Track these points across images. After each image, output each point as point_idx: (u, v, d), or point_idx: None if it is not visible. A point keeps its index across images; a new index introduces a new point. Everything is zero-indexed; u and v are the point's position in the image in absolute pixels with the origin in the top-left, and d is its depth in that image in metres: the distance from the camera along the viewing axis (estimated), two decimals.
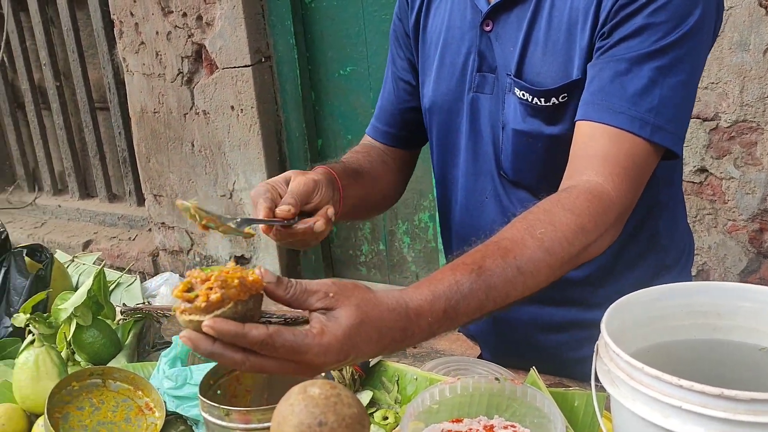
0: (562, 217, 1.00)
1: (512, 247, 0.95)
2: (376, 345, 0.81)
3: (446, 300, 0.87)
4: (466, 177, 1.33)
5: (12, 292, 1.63)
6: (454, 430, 0.98)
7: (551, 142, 1.19)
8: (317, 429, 0.64)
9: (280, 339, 0.75)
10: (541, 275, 0.96)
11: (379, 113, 1.46)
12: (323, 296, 0.80)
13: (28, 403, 1.18)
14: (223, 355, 0.77)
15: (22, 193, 4.39)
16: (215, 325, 0.75)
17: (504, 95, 1.22)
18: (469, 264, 0.92)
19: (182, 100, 3.10)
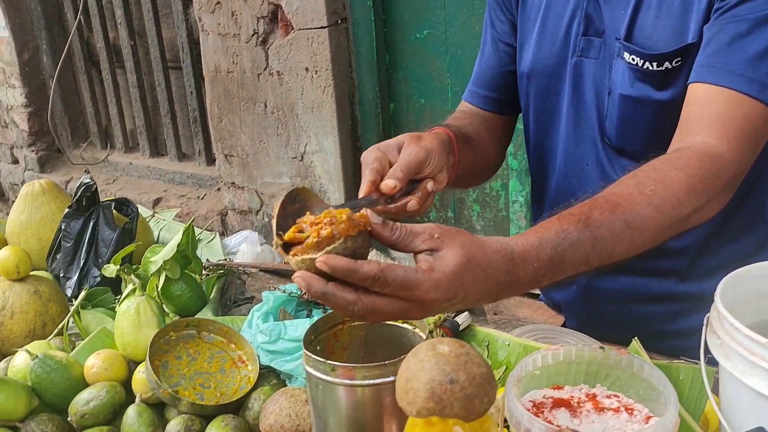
0: (673, 176, 0.97)
1: (621, 201, 0.93)
2: (483, 286, 0.81)
3: (552, 247, 0.86)
4: (566, 143, 1.30)
5: (101, 243, 1.67)
6: (556, 397, 0.97)
7: (660, 108, 1.16)
8: (448, 387, 0.63)
9: (392, 274, 0.76)
10: (648, 233, 0.94)
11: (478, 78, 1.43)
12: (428, 238, 0.80)
13: (129, 350, 1.21)
14: (335, 295, 0.78)
15: (94, 150, 4.50)
16: (328, 261, 0.76)
17: (611, 60, 1.18)
18: (576, 215, 0.90)
19: (256, 60, 3.11)
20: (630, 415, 0.93)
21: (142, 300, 1.23)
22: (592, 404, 0.96)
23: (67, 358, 1.19)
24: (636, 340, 1.07)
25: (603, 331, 1.36)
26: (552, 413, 0.93)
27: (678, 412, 0.88)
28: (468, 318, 1.32)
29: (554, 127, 1.32)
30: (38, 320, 1.39)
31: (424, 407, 0.64)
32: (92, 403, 1.11)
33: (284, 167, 3.24)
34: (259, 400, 1.12)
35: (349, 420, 0.94)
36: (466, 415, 0.64)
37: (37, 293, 1.41)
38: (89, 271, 1.64)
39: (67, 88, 4.42)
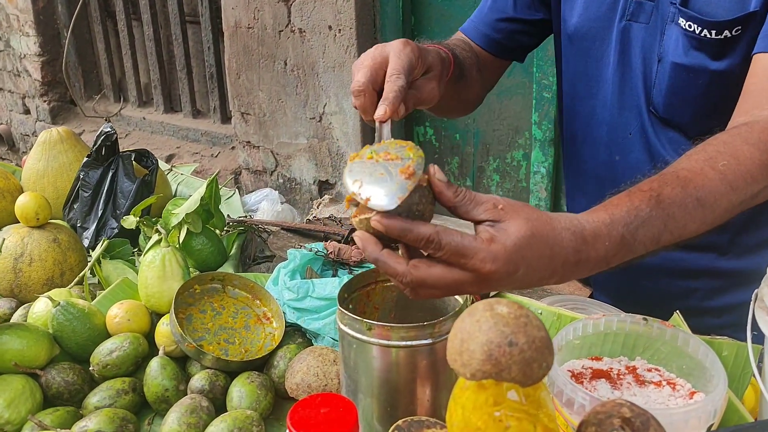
0: (745, 151, 0.92)
1: (693, 177, 0.89)
2: (549, 263, 0.77)
3: (624, 225, 0.81)
4: (608, 110, 1.25)
5: (119, 194, 1.64)
6: (595, 368, 0.94)
7: (714, 78, 1.10)
8: (507, 349, 0.59)
9: (447, 237, 0.73)
10: (720, 210, 0.90)
11: (486, 15, 1.36)
12: (491, 207, 0.76)
13: (152, 302, 1.18)
14: (386, 263, 0.75)
15: (107, 103, 4.45)
16: (382, 220, 0.73)
17: (664, 25, 1.13)
18: (646, 191, 0.85)
19: (278, 16, 3.04)
20: (673, 389, 0.90)
21: (167, 251, 1.20)
22: (632, 377, 0.93)
23: (90, 307, 1.16)
24: (678, 314, 1.03)
25: (633, 305, 1.32)
26: (592, 384, 0.91)
27: (726, 389, 0.85)
28: None
29: (593, 93, 1.27)
30: (57, 269, 1.36)
31: (480, 369, 0.60)
32: (115, 353, 1.09)
33: (302, 127, 3.19)
34: (285, 359, 1.10)
35: (381, 381, 0.91)
36: (523, 379, 0.61)
37: (56, 241, 1.38)
38: (107, 222, 1.61)
39: (82, 39, 4.36)
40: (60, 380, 1.07)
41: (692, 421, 0.79)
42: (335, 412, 0.78)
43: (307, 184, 3.31)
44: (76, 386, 1.08)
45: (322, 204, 2.10)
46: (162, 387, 1.05)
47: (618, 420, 0.65)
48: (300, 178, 3.32)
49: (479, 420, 0.63)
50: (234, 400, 1.03)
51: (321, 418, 0.77)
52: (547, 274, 0.78)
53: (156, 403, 1.06)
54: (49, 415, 1.02)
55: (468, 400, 0.64)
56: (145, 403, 1.08)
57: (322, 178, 3.24)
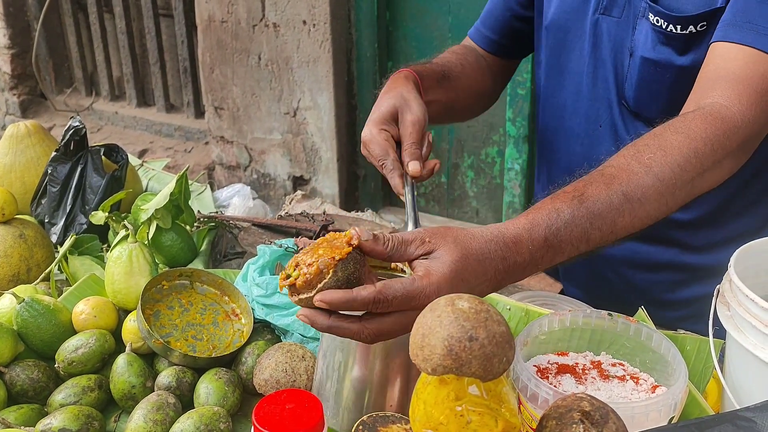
0: (672, 140, 0.93)
1: (617, 173, 0.90)
2: (483, 277, 0.80)
3: (546, 227, 0.84)
4: (579, 102, 1.27)
5: (88, 190, 1.62)
6: (561, 363, 0.95)
7: (680, 73, 1.12)
8: (467, 344, 0.60)
9: (390, 291, 0.75)
10: (650, 203, 0.91)
11: (486, 17, 1.41)
12: (420, 243, 0.79)
13: (119, 298, 1.17)
14: (340, 327, 0.77)
15: (79, 97, 4.39)
16: (324, 298, 0.75)
17: (636, 20, 1.15)
18: (569, 192, 0.87)
19: (252, 10, 3.02)
20: (636, 383, 0.92)
21: (135, 247, 1.19)
22: (597, 371, 0.94)
23: (55, 304, 1.15)
24: (642, 309, 1.05)
25: (600, 297, 1.34)
26: (557, 379, 0.92)
27: (687, 382, 0.87)
28: None
29: (565, 85, 1.29)
30: (23, 265, 1.34)
31: (440, 365, 0.61)
32: (81, 350, 1.07)
33: (276, 123, 3.18)
34: (253, 355, 1.10)
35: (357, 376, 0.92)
36: (483, 374, 0.61)
37: (22, 237, 1.36)
38: (76, 217, 1.59)
39: (53, 31, 4.29)
40: (24, 377, 1.06)
41: (652, 414, 0.80)
42: (301, 408, 0.78)
43: (281, 180, 3.29)
44: (41, 383, 1.06)
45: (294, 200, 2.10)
46: (128, 384, 1.04)
47: (578, 413, 0.66)
48: (274, 173, 3.30)
49: (441, 415, 0.64)
50: (201, 397, 1.02)
51: (286, 414, 0.77)
52: (485, 286, 0.81)
53: (122, 400, 1.05)
54: (13, 413, 1.01)
55: (430, 395, 0.64)
56: (111, 400, 1.07)
57: (297, 173, 3.23)
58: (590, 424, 0.65)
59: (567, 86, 1.28)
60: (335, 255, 0.77)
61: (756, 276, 0.96)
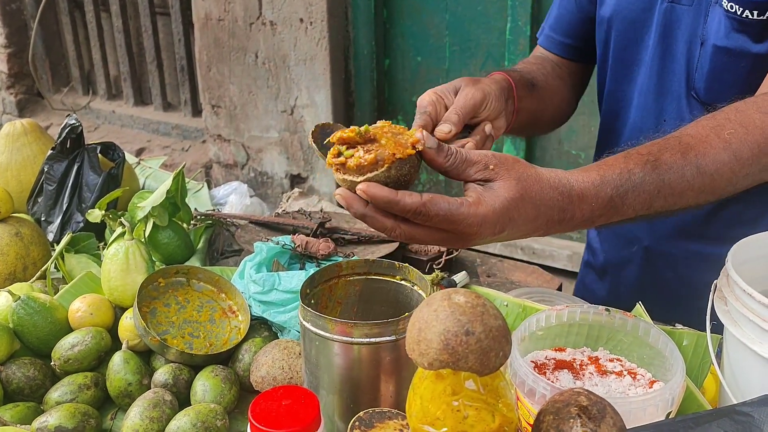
0: (756, 119, 0.91)
1: (695, 144, 0.88)
2: (533, 223, 0.79)
3: (614, 187, 0.82)
4: (644, 95, 1.22)
5: (84, 188, 1.62)
6: (558, 359, 0.95)
7: (756, 61, 1.08)
8: (464, 338, 0.60)
9: (434, 207, 0.74)
10: (722, 180, 0.88)
11: (555, 23, 1.36)
12: (483, 168, 0.77)
13: (116, 295, 1.17)
14: (374, 218, 0.76)
15: (76, 96, 4.38)
16: (368, 190, 0.73)
17: (708, 7, 1.10)
18: (644, 155, 0.85)
19: (249, 8, 3.02)
20: (633, 379, 0.91)
21: (131, 244, 1.19)
22: (594, 367, 0.94)
23: (51, 301, 1.14)
24: (640, 304, 1.05)
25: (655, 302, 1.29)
26: (554, 374, 0.91)
27: (684, 378, 0.87)
28: (466, 277, 1.29)
29: (631, 78, 1.24)
30: (19, 263, 1.34)
31: (437, 359, 0.61)
32: (77, 348, 1.07)
33: (273, 121, 3.17)
34: (250, 352, 1.09)
35: (343, 378, 0.91)
36: (480, 369, 0.61)
37: (18, 235, 1.36)
38: (72, 215, 1.59)
39: (49, 30, 4.28)
40: (21, 375, 1.05)
41: (650, 410, 0.80)
42: (297, 405, 0.78)
43: (278, 178, 3.29)
44: (37, 381, 1.06)
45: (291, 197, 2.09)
46: (125, 381, 1.04)
47: (575, 408, 0.66)
48: (271, 171, 3.30)
49: (438, 409, 0.64)
50: (198, 394, 1.02)
51: (282, 411, 0.77)
52: (531, 231, 0.80)
53: (119, 397, 1.04)
54: (9, 411, 1.01)
55: (426, 390, 0.64)
56: (108, 397, 1.07)
57: (294, 171, 3.23)
58: (587, 419, 0.65)
59: (631, 80, 1.24)
60: (396, 152, 0.75)
61: (754, 270, 0.96)
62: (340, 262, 1.04)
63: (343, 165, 0.76)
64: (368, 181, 0.74)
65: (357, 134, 0.77)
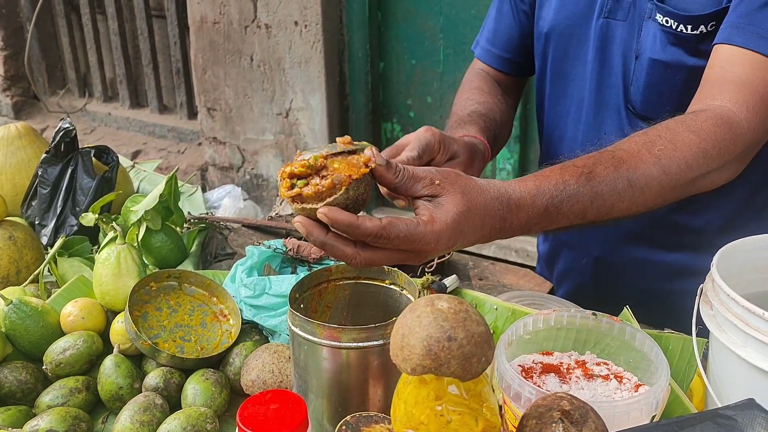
0: (684, 137, 0.95)
1: (627, 158, 0.92)
2: (480, 232, 0.82)
3: (549, 197, 0.86)
4: (583, 109, 1.25)
5: (78, 191, 1.62)
6: (546, 363, 0.96)
7: (691, 74, 1.11)
8: (446, 344, 0.61)
9: (394, 230, 0.76)
10: (651, 193, 0.92)
11: (494, 37, 1.37)
12: (429, 183, 0.80)
13: (107, 299, 1.18)
14: (334, 246, 0.78)
15: (72, 98, 4.39)
16: (329, 214, 0.75)
17: (642, 21, 1.13)
18: (579, 167, 0.89)
19: (244, 11, 3.02)
20: (619, 382, 0.92)
21: (123, 248, 1.19)
22: (581, 371, 0.95)
23: (43, 305, 1.15)
24: (627, 308, 1.06)
25: None
26: (541, 378, 0.92)
27: (669, 381, 0.87)
28: (456, 281, 1.30)
29: (570, 93, 1.27)
30: (12, 267, 1.35)
31: (419, 364, 0.61)
32: (68, 352, 1.08)
33: (268, 123, 3.18)
34: (241, 356, 1.10)
35: (332, 382, 0.92)
36: (462, 374, 0.62)
37: (11, 239, 1.36)
38: (66, 219, 1.60)
39: (46, 33, 4.29)
40: (12, 379, 1.06)
41: (634, 413, 0.81)
42: (285, 408, 0.78)
43: (273, 181, 3.30)
44: (29, 385, 1.07)
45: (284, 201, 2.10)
46: (116, 385, 1.04)
47: (558, 413, 0.67)
48: (267, 174, 3.31)
49: (422, 414, 0.64)
50: (189, 398, 1.03)
51: (270, 415, 0.78)
52: (478, 239, 0.83)
53: (110, 401, 1.05)
54: (0, 414, 1.01)
55: (410, 395, 0.65)
56: (99, 401, 1.08)
57: None
58: (570, 423, 0.66)
59: (570, 94, 1.27)
60: (351, 173, 0.77)
61: (739, 275, 0.97)
62: (329, 267, 1.04)
63: (300, 195, 0.77)
64: (328, 205, 0.75)
65: (307, 167, 0.78)
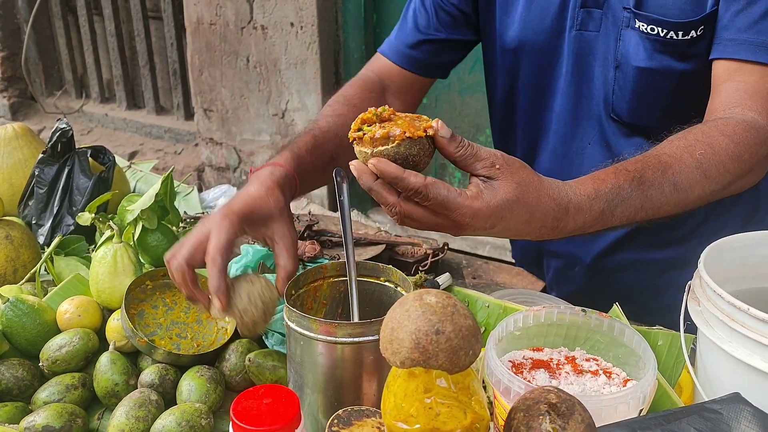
0: (721, 142, 0.97)
1: (672, 162, 0.94)
2: (525, 225, 0.84)
3: (606, 202, 0.88)
4: (561, 121, 1.25)
5: (75, 191, 1.63)
6: (536, 358, 0.97)
7: (682, 79, 1.12)
8: (434, 338, 0.62)
9: (434, 191, 0.79)
10: (693, 196, 0.96)
11: (408, 35, 1.32)
12: (489, 165, 0.82)
13: (103, 297, 1.19)
14: (380, 193, 0.81)
15: (69, 99, 4.40)
16: (378, 165, 0.79)
17: (619, 31, 1.13)
18: (631, 171, 0.91)
19: (240, 12, 3.04)
20: (608, 378, 0.94)
21: (119, 247, 1.20)
22: (571, 366, 0.96)
23: (40, 303, 1.16)
24: (617, 305, 1.07)
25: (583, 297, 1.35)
26: (531, 374, 0.94)
27: (656, 376, 0.89)
28: (449, 279, 1.31)
29: (548, 105, 1.27)
30: (9, 266, 1.36)
31: (408, 357, 0.63)
32: (65, 349, 1.09)
33: (264, 124, 3.19)
34: (237, 352, 1.11)
35: (327, 377, 0.93)
36: (450, 367, 0.63)
37: (8, 238, 1.37)
38: (63, 218, 1.61)
39: (43, 34, 4.30)
40: (9, 376, 1.07)
41: (621, 407, 0.82)
42: (278, 403, 0.79)
43: None
44: (26, 382, 1.08)
45: None
46: (112, 382, 1.05)
47: (545, 406, 0.68)
48: None
49: (411, 407, 0.66)
50: (183, 394, 1.04)
51: (263, 409, 0.79)
52: (521, 233, 0.85)
53: (106, 397, 1.06)
54: None
55: (399, 388, 0.66)
56: (95, 398, 1.09)
57: None
58: (556, 416, 0.67)
59: (548, 106, 1.26)
60: (407, 131, 0.80)
61: (726, 272, 0.98)
62: (324, 264, 1.06)
63: (361, 139, 0.82)
64: (379, 154, 0.80)
65: (374, 115, 0.84)
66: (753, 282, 1.01)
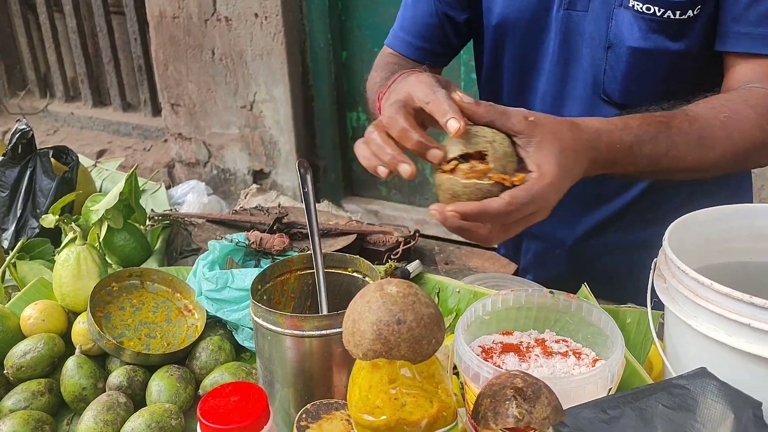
0: (743, 111, 0.98)
1: (698, 118, 0.95)
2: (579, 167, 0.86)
3: (635, 136, 0.90)
4: (547, 102, 1.24)
5: (38, 193, 1.60)
6: (506, 342, 0.97)
7: (675, 59, 1.11)
8: (395, 327, 0.61)
9: (517, 201, 0.79)
10: (716, 154, 0.96)
11: (410, 25, 1.32)
12: (522, 119, 0.83)
13: (68, 301, 1.17)
14: (470, 230, 0.83)
15: (33, 99, 4.32)
16: (458, 209, 0.79)
17: (611, 10, 1.12)
18: (657, 116, 0.93)
19: (203, 5, 2.99)
20: (578, 358, 0.94)
21: (82, 249, 1.18)
22: (540, 349, 0.96)
23: (2, 309, 1.14)
24: (585, 285, 1.07)
25: None
26: (501, 358, 0.93)
27: (624, 354, 0.89)
28: (419, 266, 1.31)
29: (532, 86, 1.25)
30: None
31: (370, 349, 0.62)
32: (29, 355, 1.07)
33: (233, 117, 3.16)
34: (207, 350, 1.10)
35: (296, 371, 0.92)
36: (413, 356, 0.63)
37: None
38: (27, 222, 1.58)
39: (2, 33, 4.21)
40: None
41: (590, 387, 0.82)
42: (245, 400, 0.79)
43: (241, 174, 3.28)
44: None
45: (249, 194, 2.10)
46: (79, 386, 1.04)
47: (511, 390, 0.68)
48: (234, 168, 3.29)
49: (376, 398, 0.65)
50: (153, 395, 1.02)
51: (231, 407, 0.78)
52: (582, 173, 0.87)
53: (73, 402, 1.04)
54: None
55: (364, 380, 0.66)
56: (63, 403, 1.07)
57: (256, 167, 3.22)
58: (523, 400, 0.67)
59: (532, 87, 1.25)
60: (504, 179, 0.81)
61: (692, 248, 0.99)
62: (291, 258, 1.04)
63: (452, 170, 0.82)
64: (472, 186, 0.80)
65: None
66: (717, 257, 1.02)
